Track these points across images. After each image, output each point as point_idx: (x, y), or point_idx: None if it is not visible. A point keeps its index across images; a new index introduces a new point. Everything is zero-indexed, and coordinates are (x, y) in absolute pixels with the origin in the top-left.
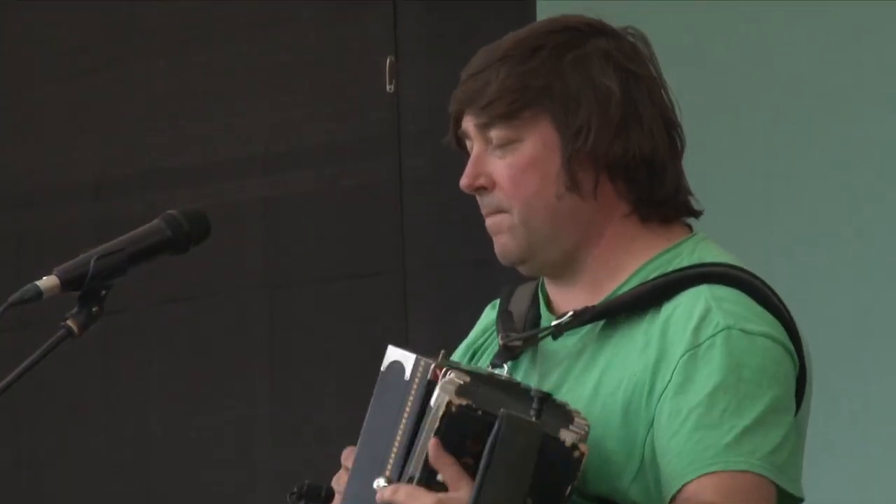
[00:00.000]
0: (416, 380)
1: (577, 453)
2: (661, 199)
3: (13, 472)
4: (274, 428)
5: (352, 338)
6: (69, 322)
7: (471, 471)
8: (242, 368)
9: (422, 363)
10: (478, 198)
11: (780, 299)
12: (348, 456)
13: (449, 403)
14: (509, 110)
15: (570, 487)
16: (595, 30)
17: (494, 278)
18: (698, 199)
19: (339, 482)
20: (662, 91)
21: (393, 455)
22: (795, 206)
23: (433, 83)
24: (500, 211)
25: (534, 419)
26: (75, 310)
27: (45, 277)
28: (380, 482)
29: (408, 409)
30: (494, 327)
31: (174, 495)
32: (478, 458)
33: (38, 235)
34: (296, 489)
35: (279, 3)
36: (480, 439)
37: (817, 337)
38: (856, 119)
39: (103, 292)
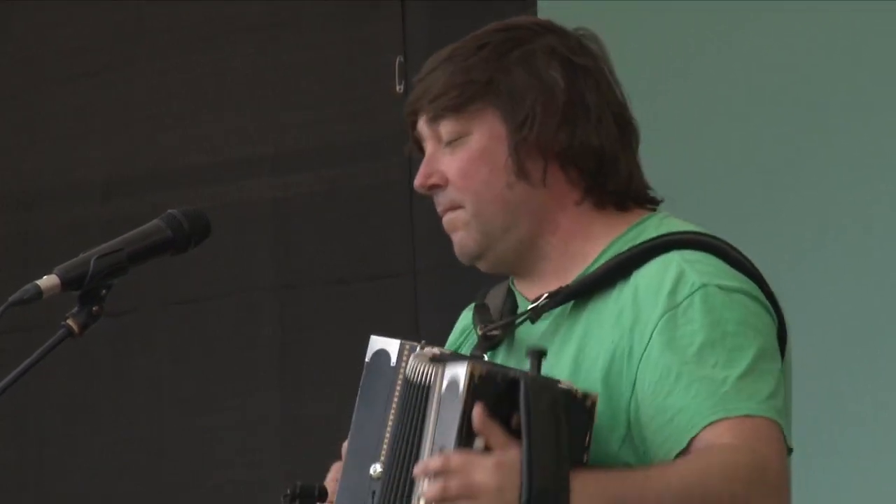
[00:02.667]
0: (403, 364)
1: (589, 402)
2: (613, 188)
3: (21, 473)
4: (284, 429)
5: (363, 339)
6: (69, 321)
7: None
8: (252, 369)
9: (407, 347)
10: (434, 198)
11: (750, 261)
12: (337, 472)
13: (471, 374)
14: (455, 103)
15: (588, 435)
16: (542, 27)
17: (503, 278)
18: (698, 199)
19: (337, 473)
20: (612, 86)
21: (386, 440)
22: (796, 206)
23: None
24: (454, 207)
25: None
26: (75, 309)
27: (45, 277)
28: (376, 468)
29: (397, 394)
30: (472, 327)
31: (183, 496)
32: (504, 420)
33: (46, 235)
34: (289, 491)
35: (287, 4)
36: (503, 404)
37: (821, 339)
38: (856, 119)
39: (103, 292)
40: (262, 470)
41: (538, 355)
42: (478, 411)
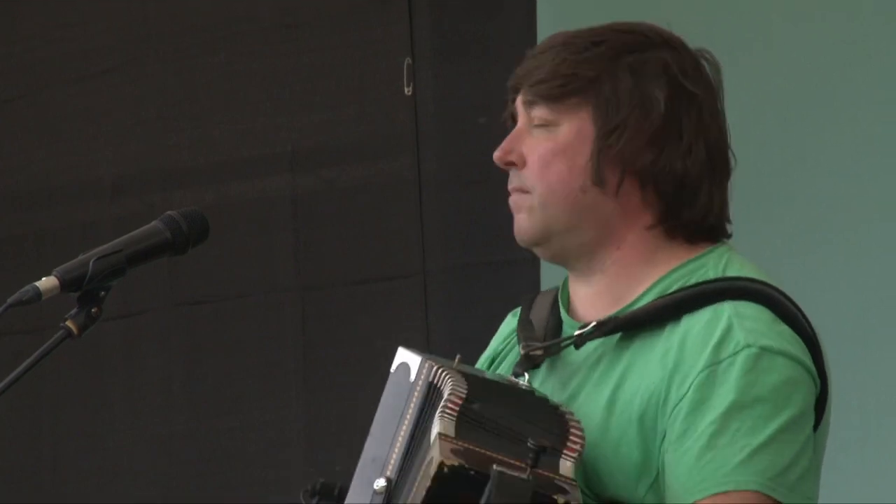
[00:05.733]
0: (420, 381)
1: None
2: (687, 219)
3: (36, 473)
4: (306, 429)
5: (374, 341)
6: (68, 323)
7: None
8: (273, 370)
9: (426, 364)
10: (509, 173)
11: (803, 315)
12: None
13: (441, 465)
14: (554, 93)
15: None
16: (662, 39)
17: (514, 279)
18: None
19: None
20: (715, 115)
21: (394, 455)
22: (797, 207)
23: (450, 85)
24: (523, 190)
25: (527, 474)
26: (74, 311)
27: (44, 278)
28: (380, 482)
29: (410, 410)
30: (515, 334)
31: (203, 496)
32: None
33: (56, 235)
34: (309, 486)
35: (297, 6)
36: (471, 496)
37: (824, 336)
38: (856, 119)
39: (102, 293)
40: (284, 470)
41: (537, 452)
42: None
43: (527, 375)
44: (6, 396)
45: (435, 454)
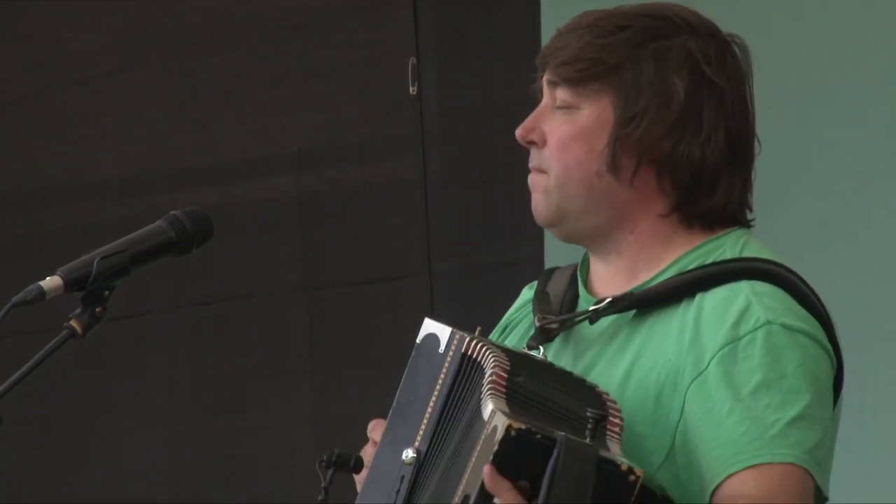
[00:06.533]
0: (451, 352)
1: (632, 477)
2: (704, 208)
3: (43, 474)
4: (313, 429)
5: (381, 341)
6: (72, 323)
7: (527, 494)
8: (279, 370)
9: (457, 336)
10: (530, 151)
11: (819, 298)
12: (374, 428)
13: (509, 427)
14: (577, 77)
15: None
16: (689, 25)
17: (519, 279)
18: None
19: (367, 455)
20: (738, 104)
21: (423, 427)
22: (798, 206)
23: (454, 85)
24: (541, 170)
25: (589, 440)
26: (78, 311)
27: (48, 278)
28: (408, 453)
29: (440, 382)
30: (530, 305)
31: (211, 498)
32: (534, 480)
33: (61, 236)
34: (325, 457)
35: (301, 7)
36: (537, 461)
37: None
38: (857, 119)
39: (106, 293)
40: (289, 470)
41: (597, 421)
42: (488, 471)
43: (542, 349)
44: (13, 397)
45: (499, 422)
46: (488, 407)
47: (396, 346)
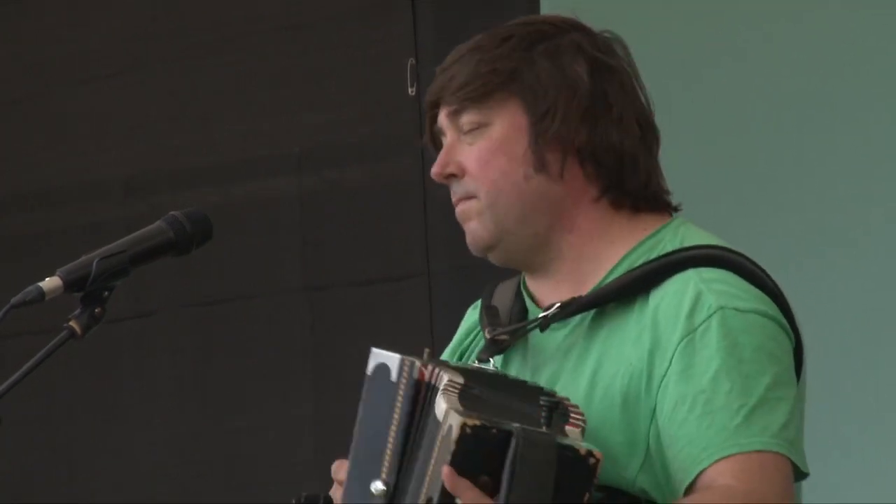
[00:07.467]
0: (403, 380)
1: (592, 460)
2: (630, 188)
3: (48, 473)
4: (314, 430)
5: (379, 342)
6: (72, 323)
7: (489, 489)
8: (281, 371)
9: (406, 363)
10: (450, 188)
11: (767, 274)
12: (338, 469)
13: (463, 426)
14: (479, 93)
15: (587, 495)
16: (569, 25)
17: (513, 274)
18: (697, 198)
19: (335, 496)
20: (636, 89)
21: (388, 458)
22: (797, 209)
23: None
24: (468, 197)
25: (544, 429)
26: (78, 311)
27: (47, 279)
28: (377, 485)
29: (397, 410)
30: (479, 327)
31: (214, 498)
32: (494, 474)
33: (64, 236)
34: (294, 500)
35: (301, 7)
36: (495, 455)
37: (826, 336)
38: (857, 119)
39: (106, 294)
40: (292, 470)
41: (550, 408)
42: (446, 472)
43: (492, 361)
44: (16, 397)
45: (454, 421)
46: (441, 406)
47: (397, 346)
